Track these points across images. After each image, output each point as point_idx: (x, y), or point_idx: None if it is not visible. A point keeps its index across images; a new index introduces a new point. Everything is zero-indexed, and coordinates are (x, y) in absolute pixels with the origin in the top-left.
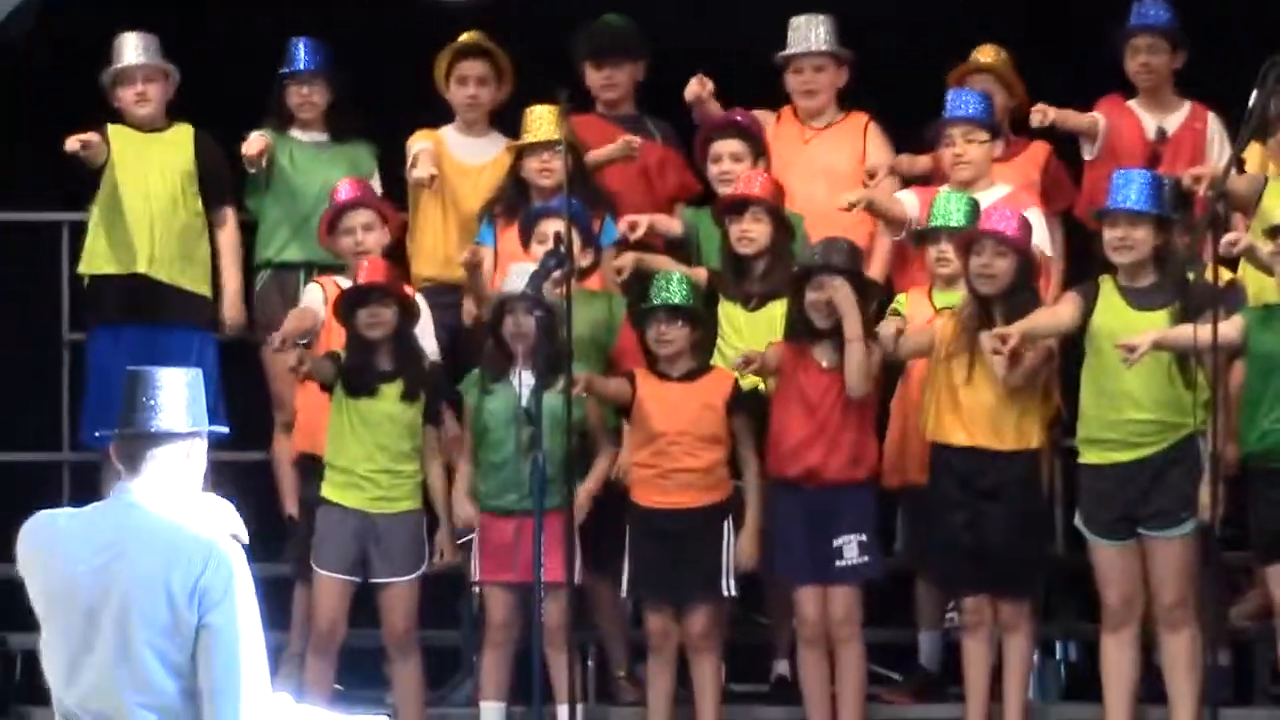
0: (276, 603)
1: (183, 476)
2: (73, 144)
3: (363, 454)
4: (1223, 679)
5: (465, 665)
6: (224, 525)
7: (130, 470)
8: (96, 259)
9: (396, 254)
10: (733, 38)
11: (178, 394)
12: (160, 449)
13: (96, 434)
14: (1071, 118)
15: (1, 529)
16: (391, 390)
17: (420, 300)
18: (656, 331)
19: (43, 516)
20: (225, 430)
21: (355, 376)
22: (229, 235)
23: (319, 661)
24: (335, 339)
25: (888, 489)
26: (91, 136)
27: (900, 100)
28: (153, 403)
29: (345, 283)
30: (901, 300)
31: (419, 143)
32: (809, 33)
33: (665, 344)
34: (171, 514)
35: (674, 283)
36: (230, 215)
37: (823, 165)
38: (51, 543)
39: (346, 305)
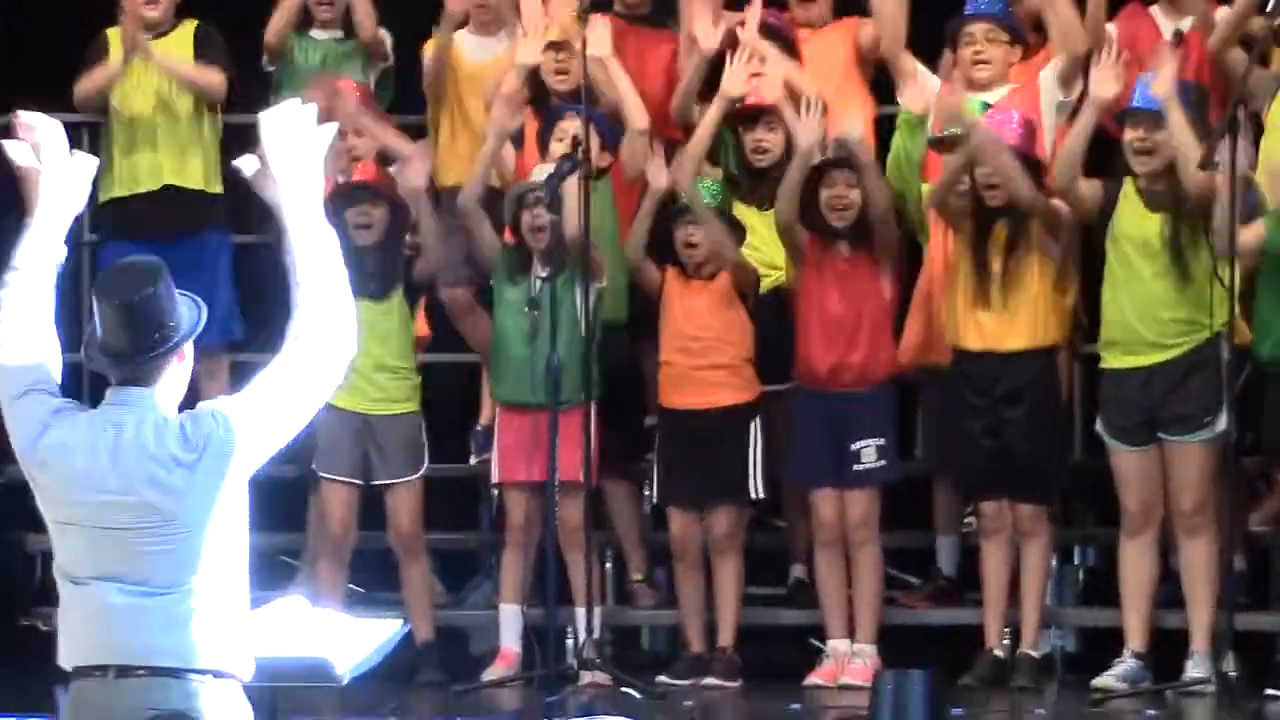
0: (293, 504)
1: (175, 378)
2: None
3: (358, 354)
4: (1239, 584)
5: (484, 567)
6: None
7: (120, 379)
8: (112, 184)
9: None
10: None
11: (159, 310)
12: (147, 365)
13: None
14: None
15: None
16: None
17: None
18: (684, 234)
19: (51, 430)
20: (203, 320)
21: None
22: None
23: (331, 565)
24: None
25: (909, 374)
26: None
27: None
28: (139, 323)
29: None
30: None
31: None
32: None
33: (692, 248)
34: (166, 410)
35: (706, 186)
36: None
37: (819, 67)
38: (64, 460)
39: (336, 204)
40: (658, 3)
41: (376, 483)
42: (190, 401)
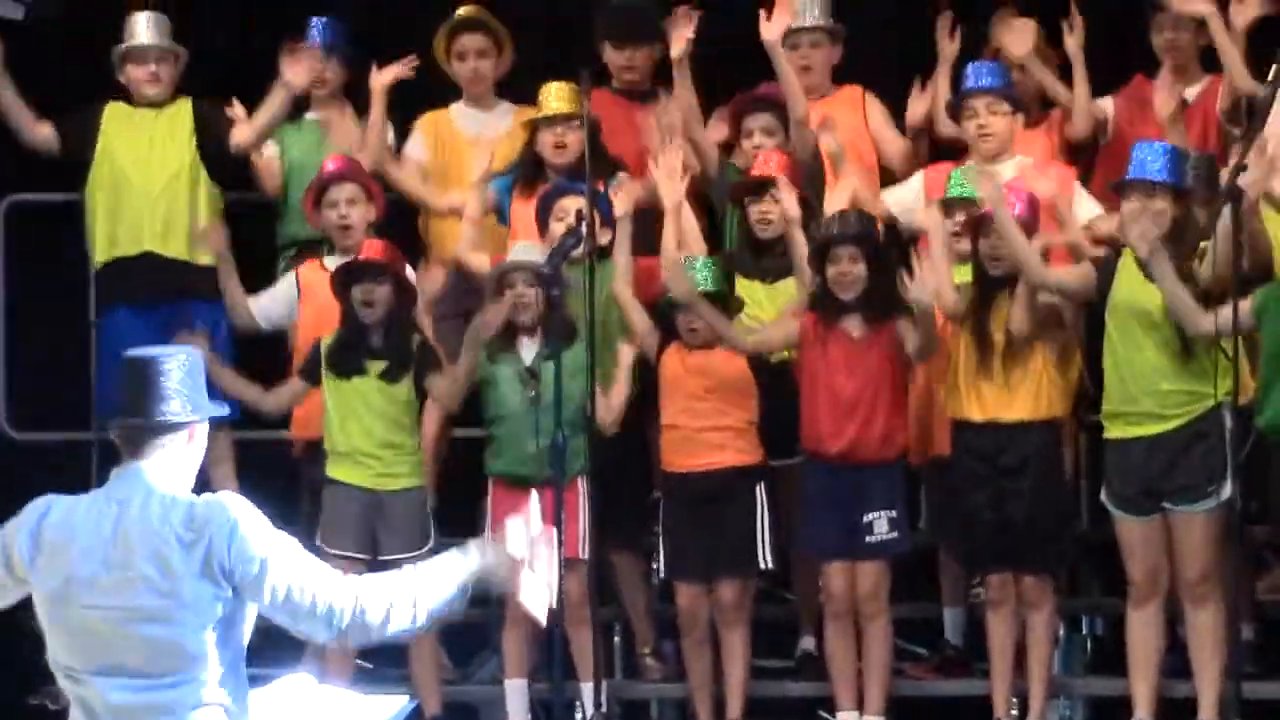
0: None
1: (185, 460)
2: None
3: (360, 431)
4: (1247, 653)
5: (491, 643)
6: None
7: (131, 454)
8: (104, 245)
9: (388, 232)
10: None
11: (176, 380)
12: (163, 438)
13: (101, 421)
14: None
15: None
16: (378, 368)
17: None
18: (686, 319)
19: (54, 510)
20: (226, 411)
21: (341, 356)
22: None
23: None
24: (314, 320)
25: (911, 464)
26: None
27: (893, 75)
28: (150, 392)
29: (331, 263)
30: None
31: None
32: (805, 9)
33: (693, 332)
34: (173, 490)
35: (699, 268)
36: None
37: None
38: (66, 537)
39: (341, 281)
40: (655, 78)
41: (384, 558)
42: (200, 486)
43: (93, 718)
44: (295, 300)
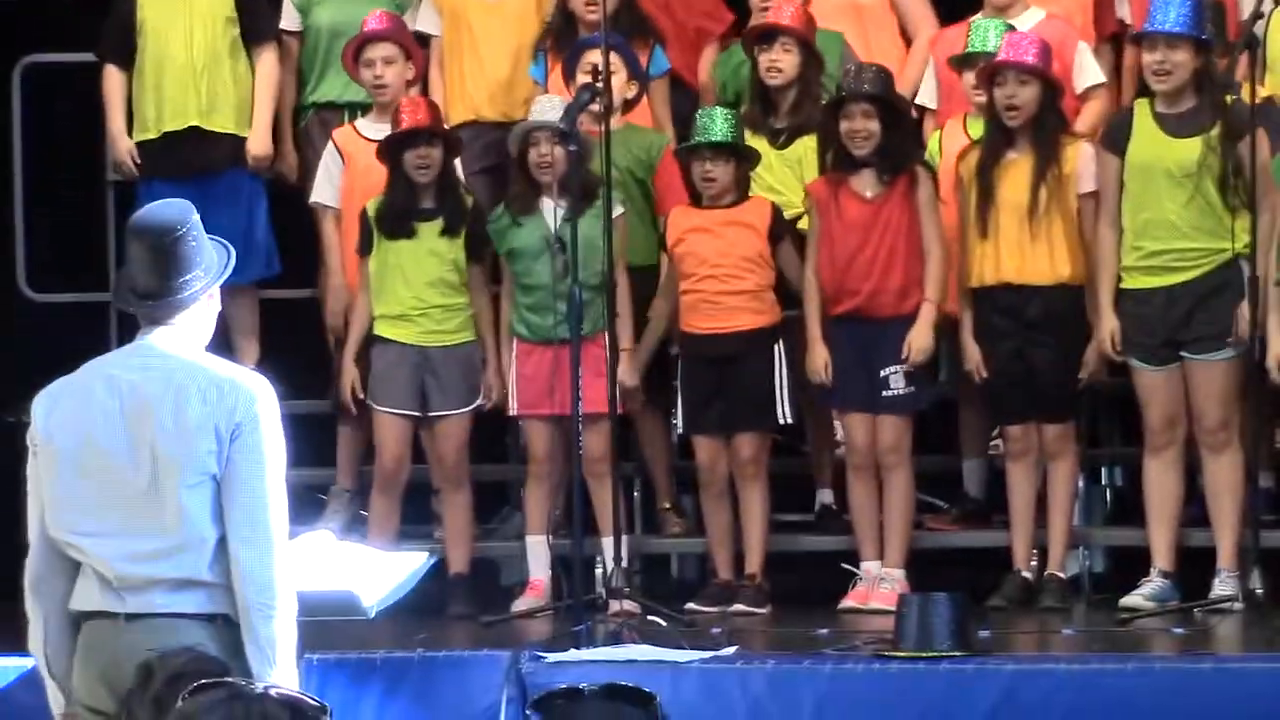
0: (324, 438)
1: (201, 323)
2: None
3: (410, 294)
4: (1265, 501)
5: (512, 499)
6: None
7: (149, 324)
8: (147, 127)
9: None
10: None
11: (190, 247)
12: (179, 310)
13: (119, 298)
14: None
15: (51, 368)
16: (431, 228)
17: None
18: (701, 169)
19: (62, 382)
20: (229, 273)
21: (395, 220)
22: (264, 70)
23: (384, 499)
24: (362, 184)
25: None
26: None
27: None
28: (169, 266)
29: (366, 126)
30: (935, 142)
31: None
32: None
33: (710, 182)
34: (191, 355)
35: (717, 119)
36: (269, 52)
37: (847, 1)
38: (83, 404)
39: (393, 148)
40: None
41: (433, 413)
42: (221, 335)
43: (104, 583)
44: (342, 169)
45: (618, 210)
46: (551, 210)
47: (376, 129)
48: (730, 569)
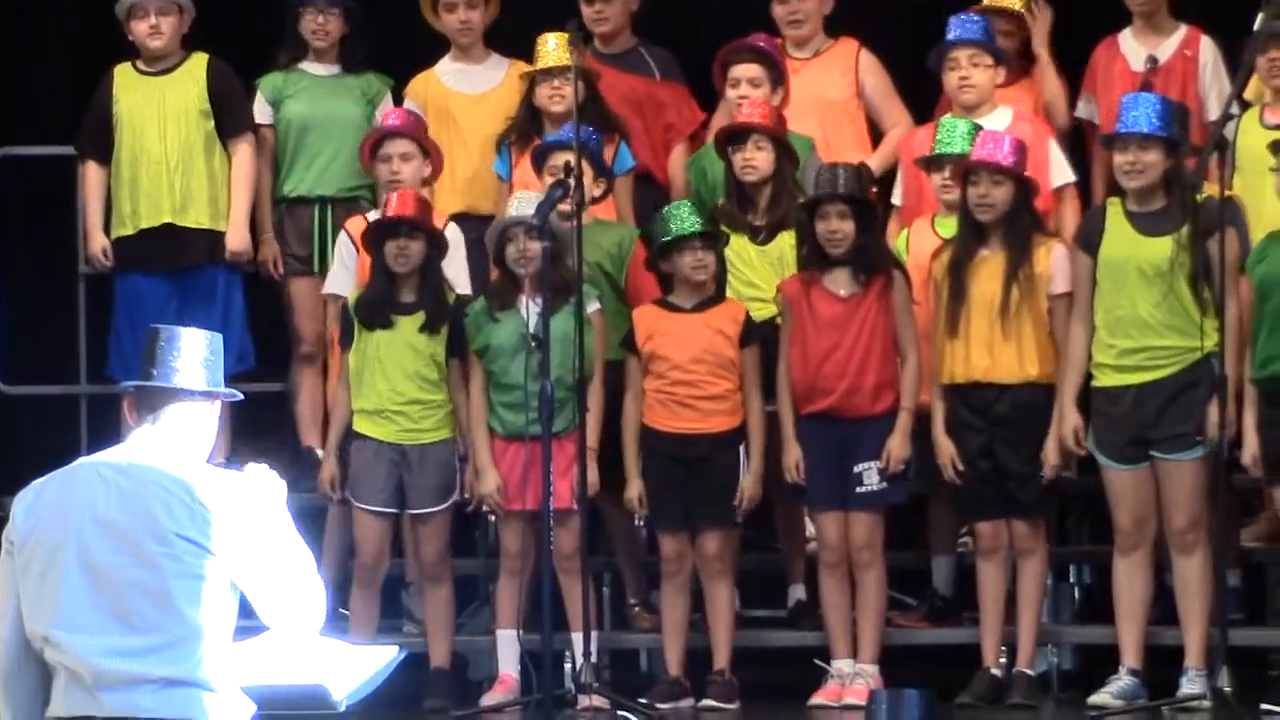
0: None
1: (196, 434)
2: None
3: (388, 388)
4: (1234, 600)
5: (482, 593)
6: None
7: (142, 423)
8: (124, 222)
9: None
10: None
11: (197, 353)
12: (175, 405)
13: (118, 381)
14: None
15: (23, 460)
16: (411, 322)
17: (455, 231)
18: (694, 258)
19: (46, 478)
20: (240, 395)
21: (371, 310)
22: (239, 164)
23: (364, 595)
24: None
25: None
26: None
27: (889, 24)
28: (172, 359)
29: (376, 216)
30: (903, 241)
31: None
32: None
33: (702, 269)
34: (183, 463)
35: (685, 210)
36: (244, 145)
37: (812, 96)
38: (68, 498)
39: (375, 237)
40: (638, 31)
41: (413, 511)
42: None
43: (79, 684)
44: (357, 258)
45: (595, 306)
46: (526, 306)
47: None
48: (680, 666)
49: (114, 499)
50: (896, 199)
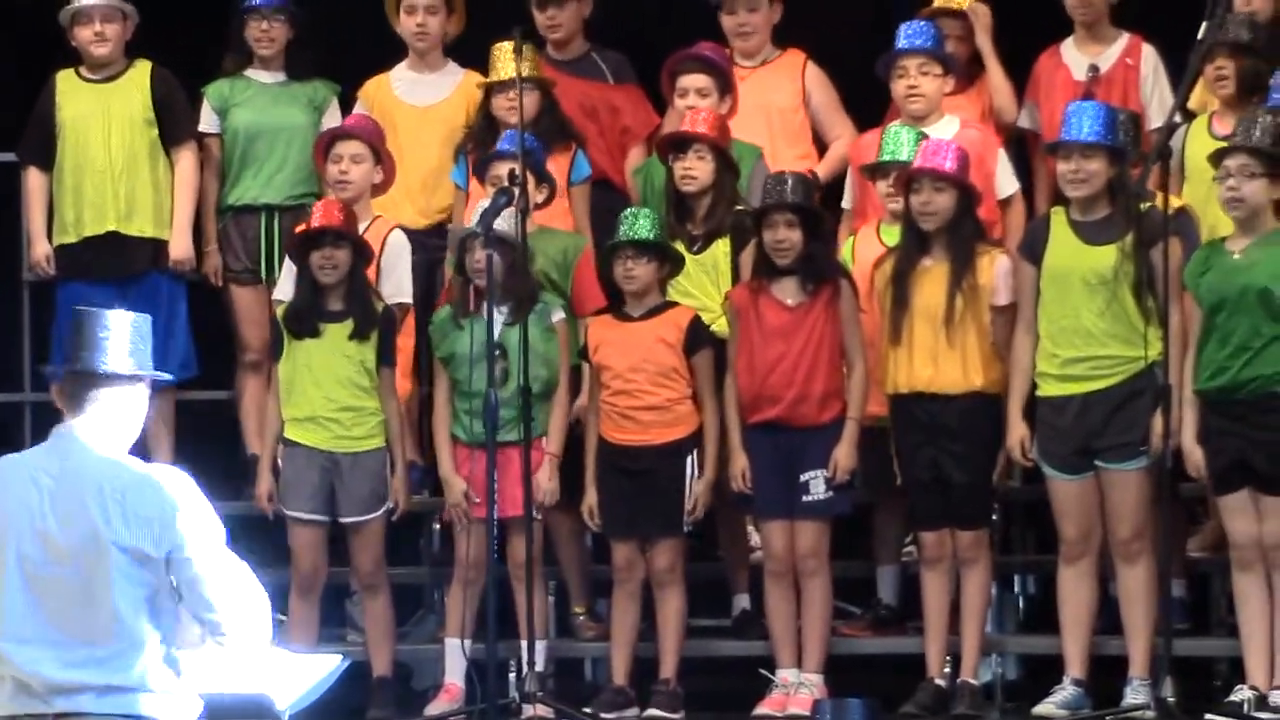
0: (239, 542)
1: (124, 419)
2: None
3: (321, 395)
4: (1178, 610)
5: (427, 601)
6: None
7: (72, 410)
8: (67, 230)
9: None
10: None
11: (123, 336)
12: (103, 390)
13: (45, 370)
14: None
15: None
16: (340, 330)
17: (400, 238)
18: (623, 267)
19: None
20: (169, 377)
21: (298, 319)
22: (182, 172)
23: (302, 604)
24: None
25: None
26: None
27: (836, 35)
28: (98, 343)
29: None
30: (848, 248)
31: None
32: None
33: (631, 279)
34: (111, 452)
35: (641, 218)
36: (187, 153)
37: (760, 103)
38: (3, 495)
39: (300, 247)
40: (591, 36)
41: (343, 519)
42: (137, 449)
43: (27, 691)
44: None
45: (559, 315)
46: (488, 316)
47: None
48: (626, 676)
49: (49, 508)
50: (847, 203)
